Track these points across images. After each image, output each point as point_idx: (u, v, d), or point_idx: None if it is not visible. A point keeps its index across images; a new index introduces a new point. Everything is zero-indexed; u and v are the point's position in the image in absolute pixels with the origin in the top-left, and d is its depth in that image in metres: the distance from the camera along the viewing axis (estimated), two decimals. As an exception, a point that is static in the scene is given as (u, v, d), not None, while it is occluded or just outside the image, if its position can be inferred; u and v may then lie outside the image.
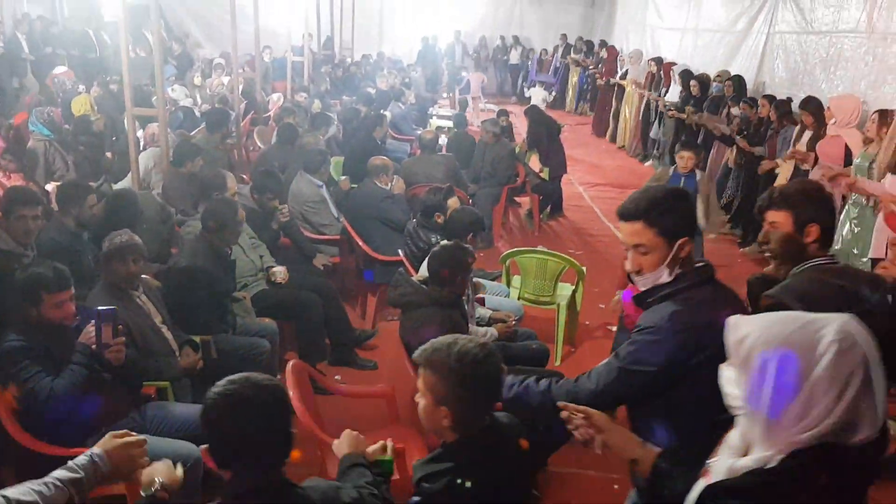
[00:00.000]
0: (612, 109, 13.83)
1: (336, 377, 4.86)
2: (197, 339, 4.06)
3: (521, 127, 11.82)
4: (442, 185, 6.26)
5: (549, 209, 8.82)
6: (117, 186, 6.52)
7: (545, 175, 8.78)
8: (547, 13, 19.19)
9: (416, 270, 4.51)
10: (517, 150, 8.43)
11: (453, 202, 4.87)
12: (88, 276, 4.07)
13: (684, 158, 6.30)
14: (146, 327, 3.73)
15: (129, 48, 6.50)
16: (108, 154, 7.01)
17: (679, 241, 2.09)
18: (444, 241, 3.94)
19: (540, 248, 7.41)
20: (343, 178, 6.73)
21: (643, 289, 2.18)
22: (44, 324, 3.20)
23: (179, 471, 2.17)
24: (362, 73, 13.62)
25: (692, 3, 12.06)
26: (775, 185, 6.87)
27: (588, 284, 6.72)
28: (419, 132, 9.08)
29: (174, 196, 5.54)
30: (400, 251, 5.04)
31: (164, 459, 2.18)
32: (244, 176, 6.73)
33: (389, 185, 5.90)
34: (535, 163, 8.92)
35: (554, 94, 17.16)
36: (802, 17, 8.29)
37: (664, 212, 2.09)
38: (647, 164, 11.80)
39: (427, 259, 3.83)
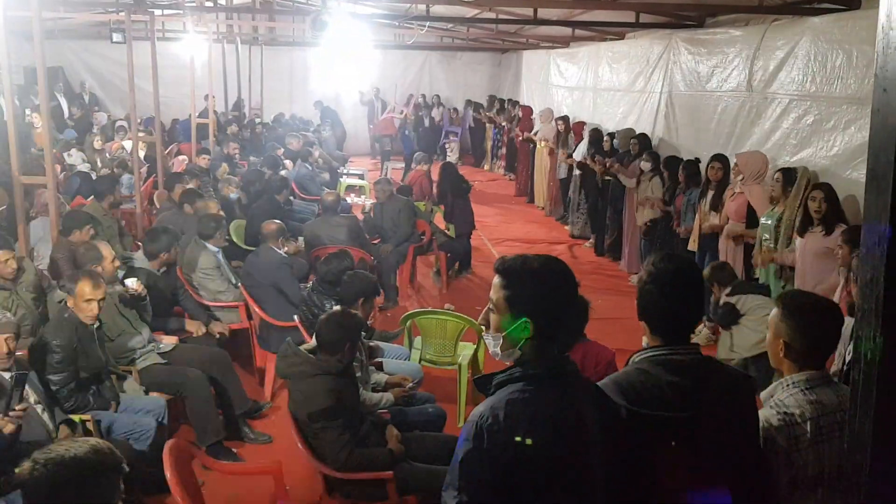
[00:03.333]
0: (531, 169, 13.98)
1: (234, 450, 4.73)
2: (76, 418, 3.90)
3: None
4: (344, 246, 6.30)
5: (457, 266, 8.90)
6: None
7: (451, 232, 8.90)
8: (455, 73, 19.67)
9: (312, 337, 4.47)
10: (422, 207, 8.53)
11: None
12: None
13: None
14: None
15: (14, 114, 6.36)
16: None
17: (522, 319, 1.90)
18: (333, 308, 3.93)
19: (447, 306, 7.50)
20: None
21: (497, 358, 2.03)
22: None
23: None
24: (271, 135, 13.60)
25: (591, 63, 12.58)
26: (689, 247, 7.13)
27: (495, 342, 6.82)
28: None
29: (63, 267, 5.35)
30: (296, 317, 4.98)
31: None
32: (140, 243, 6.58)
33: (284, 248, 5.86)
34: (439, 220, 9.05)
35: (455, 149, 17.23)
36: (694, 78, 8.74)
37: (523, 280, 1.91)
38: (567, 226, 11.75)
39: (316, 327, 3.80)
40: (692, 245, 7.16)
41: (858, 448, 1.22)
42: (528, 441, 1.79)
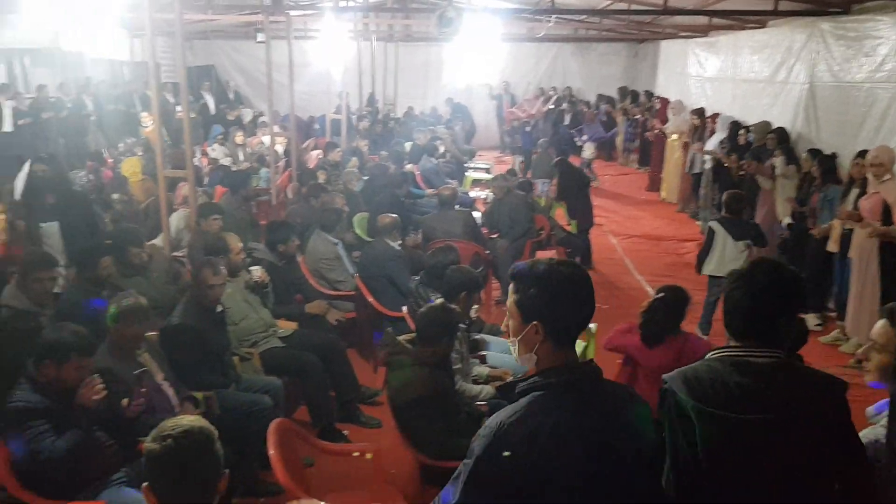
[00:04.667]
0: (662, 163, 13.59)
1: (344, 432, 4.96)
2: (199, 395, 4.22)
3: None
4: (459, 240, 6.41)
5: (577, 262, 8.79)
6: (154, 242, 6.86)
7: (572, 228, 8.83)
8: (589, 64, 19.29)
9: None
10: (541, 203, 8.50)
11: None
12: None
13: None
14: (148, 386, 3.90)
15: (175, 110, 6.93)
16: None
17: (532, 324, 1.91)
18: (435, 302, 4.04)
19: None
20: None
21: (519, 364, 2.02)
22: (56, 383, 3.38)
23: None
24: (401, 130, 13.96)
25: (730, 53, 12.04)
26: (828, 248, 6.69)
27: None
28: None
29: (196, 255, 5.79)
30: (404, 308, 5.15)
31: None
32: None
33: (399, 241, 6.04)
34: (561, 216, 8.97)
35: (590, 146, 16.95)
36: (840, 68, 8.20)
37: (529, 285, 1.92)
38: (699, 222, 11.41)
39: (416, 319, 3.93)
40: (832, 246, 6.69)
41: None
42: (542, 455, 1.79)
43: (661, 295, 4.08)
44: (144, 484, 2.10)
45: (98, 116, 12.81)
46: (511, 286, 1.97)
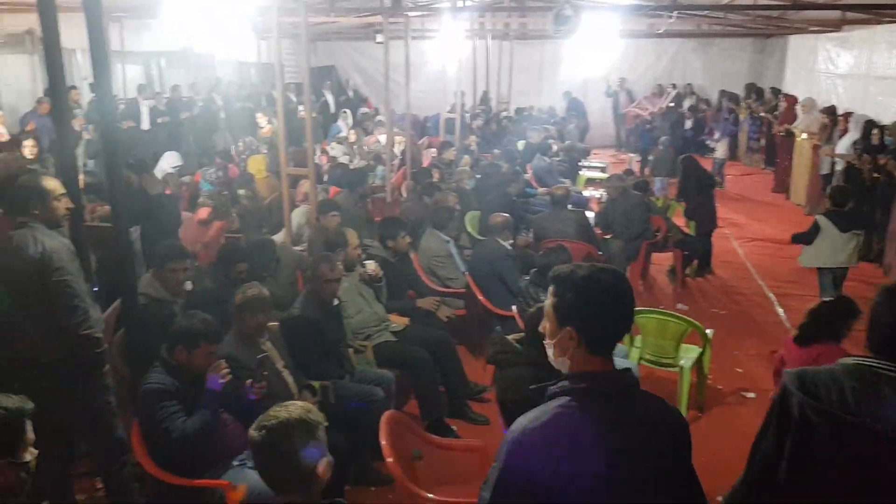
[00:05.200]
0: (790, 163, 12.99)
1: (453, 427, 5.03)
2: (316, 384, 4.39)
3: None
4: (571, 240, 6.36)
5: (695, 265, 8.54)
6: (275, 238, 7.18)
7: (691, 229, 8.56)
8: (712, 61, 18.57)
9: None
10: (658, 203, 8.29)
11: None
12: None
13: None
14: (270, 371, 4.10)
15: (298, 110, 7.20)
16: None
17: (567, 328, 1.86)
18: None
19: (680, 306, 7.27)
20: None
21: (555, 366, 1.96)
22: (187, 368, 3.62)
23: None
24: (515, 129, 13.95)
25: (865, 49, 11.34)
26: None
27: (729, 347, 6.51)
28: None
29: (315, 250, 6.01)
30: (513, 307, 5.16)
31: None
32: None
33: (510, 241, 6.05)
34: (679, 216, 8.71)
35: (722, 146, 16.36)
36: None
37: (567, 289, 1.86)
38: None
39: (525, 319, 3.94)
40: None
41: None
42: (561, 463, 1.74)
43: (831, 301, 4.13)
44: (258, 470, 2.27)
45: (227, 115, 13.52)
46: (550, 288, 1.93)
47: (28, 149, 7.92)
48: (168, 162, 9.39)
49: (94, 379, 3.57)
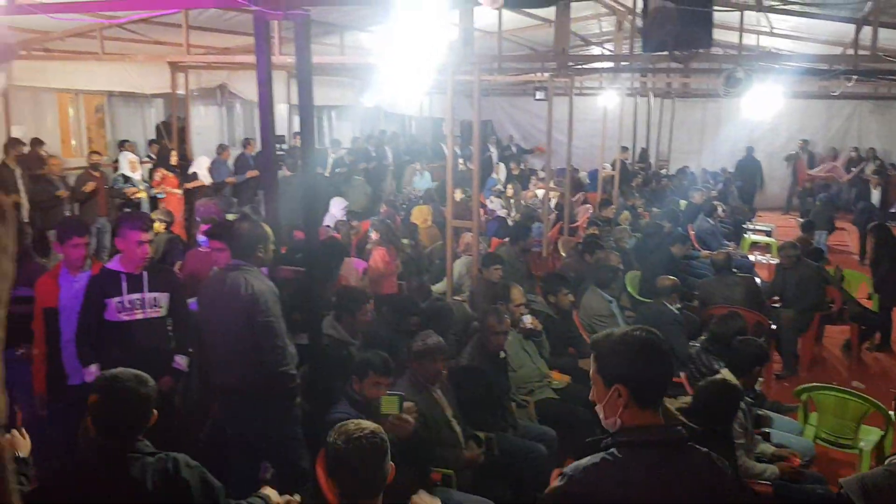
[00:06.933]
0: None
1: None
2: (482, 435, 4.48)
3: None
4: (739, 307, 6.14)
5: (877, 339, 7.97)
6: (435, 287, 7.42)
7: (874, 303, 8.01)
8: (890, 123, 17.41)
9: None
10: (832, 273, 7.84)
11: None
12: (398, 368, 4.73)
13: None
14: (440, 419, 4.24)
15: (459, 161, 7.47)
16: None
17: (614, 387, 2.00)
18: (720, 375, 3.93)
19: (855, 384, 6.80)
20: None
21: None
22: (365, 400, 3.83)
23: None
24: (675, 187, 13.69)
25: None
26: None
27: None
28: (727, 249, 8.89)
29: (477, 302, 6.17)
30: (681, 373, 5.04)
31: None
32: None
33: (677, 304, 5.93)
34: (864, 288, 8.18)
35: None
36: None
37: (609, 352, 2.04)
38: None
39: (696, 389, 3.85)
40: None
41: None
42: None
43: None
44: (328, 475, 2.67)
45: (395, 166, 14.26)
46: (591, 356, 2.11)
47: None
48: (337, 207, 9.94)
49: (287, 410, 3.84)
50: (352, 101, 15.82)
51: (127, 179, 10.06)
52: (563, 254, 9.28)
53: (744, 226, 11.97)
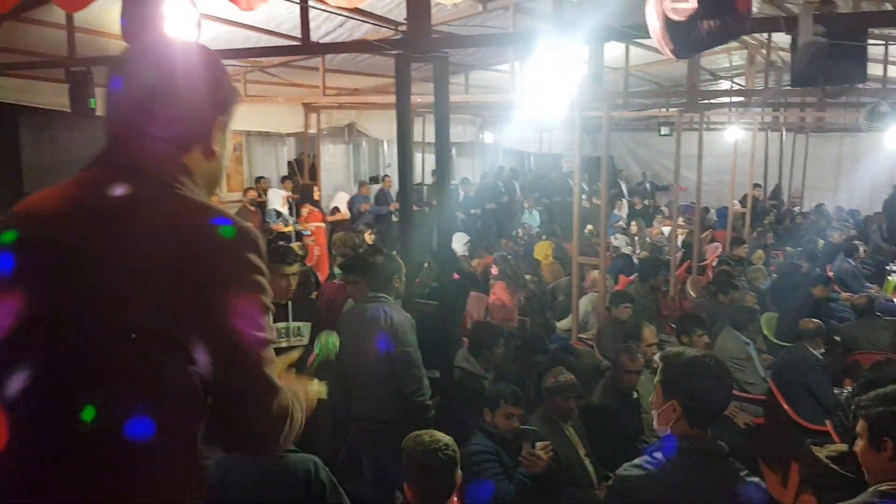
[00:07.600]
0: None
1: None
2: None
3: None
4: (888, 353, 5.77)
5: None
6: (560, 324, 7.38)
7: None
8: None
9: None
10: None
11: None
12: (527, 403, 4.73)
13: None
14: (572, 457, 4.19)
15: (582, 198, 7.45)
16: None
17: (671, 402, 2.20)
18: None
19: None
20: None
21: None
22: (500, 431, 3.85)
23: None
24: (811, 226, 13.03)
25: None
26: None
27: None
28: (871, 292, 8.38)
29: (605, 340, 6.08)
30: (827, 422, 4.76)
31: None
32: (673, 325, 7.02)
33: (822, 350, 5.62)
34: None
35: None
36: None
37: (675, 371, 2.24)
38: None
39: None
40: None
41: None
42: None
43: None
44: (405, 480, 2.88)
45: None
46: (659, 367, 2.33)
47: (367, 235, 9.03)
48: (458, 241, 10.09)
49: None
50: (472, 137, 16.11)
51: (279, 215, 10.70)
52: (692, 293, 9.00)
53: (887, 267, 11.21)
